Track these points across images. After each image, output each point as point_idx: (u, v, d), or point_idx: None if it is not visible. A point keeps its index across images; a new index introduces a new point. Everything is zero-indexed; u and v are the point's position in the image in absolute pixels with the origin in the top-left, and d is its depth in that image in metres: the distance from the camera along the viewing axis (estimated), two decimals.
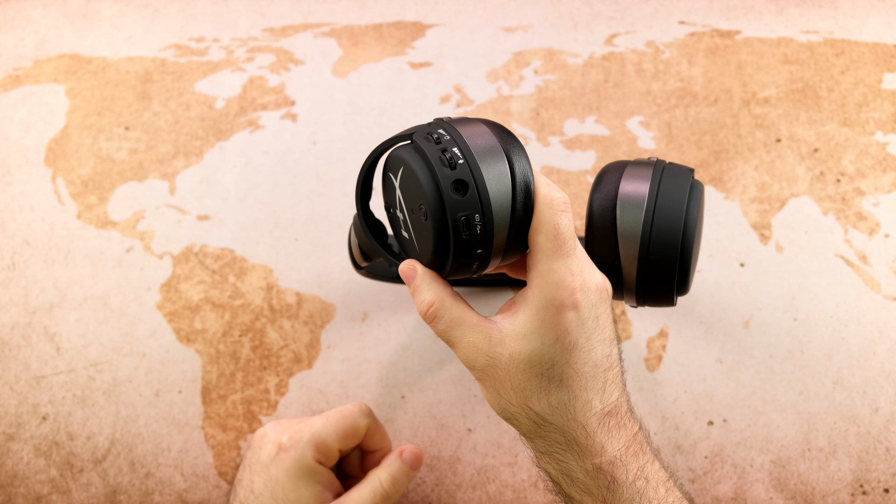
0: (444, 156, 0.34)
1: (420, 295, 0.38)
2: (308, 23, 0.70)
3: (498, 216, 0.35)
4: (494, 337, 0.37)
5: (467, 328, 0.37)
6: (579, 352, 0.36)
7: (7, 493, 0.53)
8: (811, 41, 0.66)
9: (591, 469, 0.36)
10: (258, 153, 0.63)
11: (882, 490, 0.50)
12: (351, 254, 0.50)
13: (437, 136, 0.35)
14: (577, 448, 0.36)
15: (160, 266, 0.59)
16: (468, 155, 0.34)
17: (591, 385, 0.36)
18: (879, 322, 0.54)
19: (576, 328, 0.36)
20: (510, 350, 0.36)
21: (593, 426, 0.36)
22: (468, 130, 0.36)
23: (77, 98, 0.66)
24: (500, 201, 0.35)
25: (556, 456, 0.37)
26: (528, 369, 0.36)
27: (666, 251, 0.40)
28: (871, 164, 0.60)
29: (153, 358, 0.56)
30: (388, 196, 0.40)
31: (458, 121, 0.37)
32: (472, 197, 0.34)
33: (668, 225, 0.40)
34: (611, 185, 0.42)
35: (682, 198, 0.41)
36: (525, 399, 0.36)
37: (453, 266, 0.36)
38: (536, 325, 0.36)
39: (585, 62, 0.66)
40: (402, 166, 0.36)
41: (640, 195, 0.41)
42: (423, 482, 0.53)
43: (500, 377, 0.37)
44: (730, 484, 0.51)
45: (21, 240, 0.60)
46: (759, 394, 0.53)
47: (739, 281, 0.56)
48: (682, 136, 0.62)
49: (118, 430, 0.54)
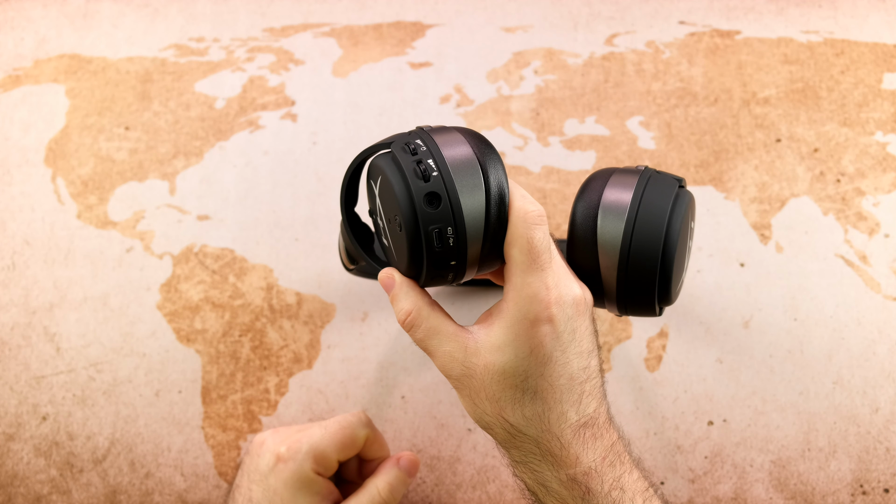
0: (419, 167, 0.34)
1: (398, 303, 0.38)
2: (308, 23, 0.70)
3: (471, 229, 0.35)
4: (470, 347, 0.37)
5: (444, 337, 0.37)
6: (554, 364, 0.36)
7: (7, 493, 0.53)
8: (811, 41, 0.66)
9: (566, 480, 0.36)
10: (258, 153, 0.63)
11: (882, 490, 0.50)
12: (341, 254, 0.50)
13: (413, 147, 0.35)
14: (552, 459, 0.36)
15: (160, 266, 0.59)
16: (442, 167, 0.34)
17: (566, 397, 0.36)
18: (879, 322, 0.54)
19: (550, 341, 0.36)
20: (485, 361, 0.36)
21: (568, 437, 0.36)
22: (445, 141, 0.36)
23: (77, 98, 0.66)
24: (474, 214, 0.35)
25: (531, 466, 0.37)
26: (503, 381, 0.36)
27: (646, 262, 0.39)
28: (871, 164, 0.60)
29: (153, 358, 0.56)
30: (371, 203, 0.40)
31: (437, 129, 0.37)
32: (444, 210, 0.34)
33: (649, 235, 0.39)
34: (594, 193, 0.41)
35: (664, 207, 0.40)
36: (500, 409, 0.37)
37: (428, 276, 0.37)
38: (511, 337, 0.36)
39: (585, 62, 0.66)
40: (381, 175, 0.36)
41: (622, 204, 0.40)
42: (423, 482, 0.53)
43: (475, 387, 0.37)
44: (730, 484, 0.51)
45: (21, 240, 0.60)
46: (759, 394, 0.53)
47: (739, 281, 0.56)
48: (682, 136, 0.62)
49: (118, 430, 0.54)
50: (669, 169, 0.61)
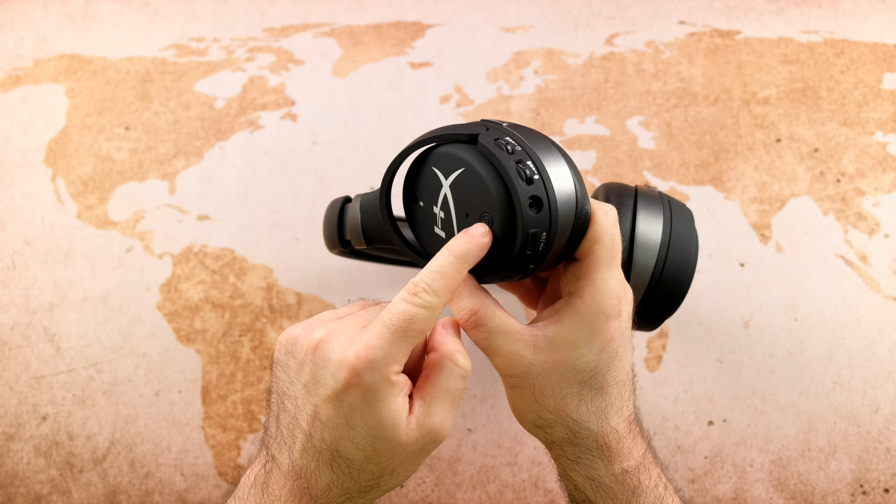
0: (521, 168, 0.33)
1: (461, 301, 0.37)
2: (308, 23, 0.70)
3: (561, 234, 0.35)
4: (540, 345, 0.36)
5: (510, 337, 0.36)
6: (619, 361, 0.37)
7: (7, 493, 0.53)
8: (811, 41, 0.66)
9: (619, 473, 0.37)
10: (258, 153, 0.63)
11: (882, 490, 0.50)
12: (338, 233, 0.46)
13: (509, 146, 0.34)
14: (608, 452, 0.37)
15: (160, 266, 0.59)
16: (542, 171, 0.34)
17: (623, 393, 0.37)
18: (879, 322, 0.54)
19: (619, 337, 0.36)
20: (556, 357, 0.36)
21: (623, 431, 0.37)
22: (535, 142, 0.35)
23: (77, 98, 0.66)
24: (566, 220, 0.35)
25: (584, 462, 0.37)
26: (573, 376, 0.36)
27: (671, 294, 0.42)
28: (871, 164, 0.60)
29: (153, 358, 0.56)
30: (424, 191, 0.38)
31: (519, 128, 0.36)
32: (544, 215, 0.34)
33: (679, 271, 0.42)
34: (625, 221, 0.43)
35: (690, 248, 0.43)
36: (563, 406, 0.37)
37: (499, 275, 0.36)
38: (586, 332, 0.36)
39: (585, 62, 0.66)
40: (463, 168, 0.35)
41: (654, 238, 0.42)
42: (423, 482, 0.53)
43: (539, 385, 0.37)
44: (730, 484, 0.51)
45: (21, 240, 0.60)
46: (759, 394, 0.53)
47: (739, 281, 0.56)
48: (682, 136, 0.62)
49: (118, 430, 0.54)
50: (669, 169, 0.61)
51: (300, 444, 0.34)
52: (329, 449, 0.34)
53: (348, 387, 0.33)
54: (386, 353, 0.33)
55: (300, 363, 0.35)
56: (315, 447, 0.34)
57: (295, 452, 0.34)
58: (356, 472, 0.34)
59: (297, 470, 0.34)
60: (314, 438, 0.34)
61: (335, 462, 0.34)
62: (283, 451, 0.35)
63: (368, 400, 0.33)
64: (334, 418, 0.33)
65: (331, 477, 0.34)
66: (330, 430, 0.33)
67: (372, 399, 0.33)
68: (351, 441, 0.33)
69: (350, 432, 0.33)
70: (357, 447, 0.33)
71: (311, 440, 0.34)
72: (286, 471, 0.34)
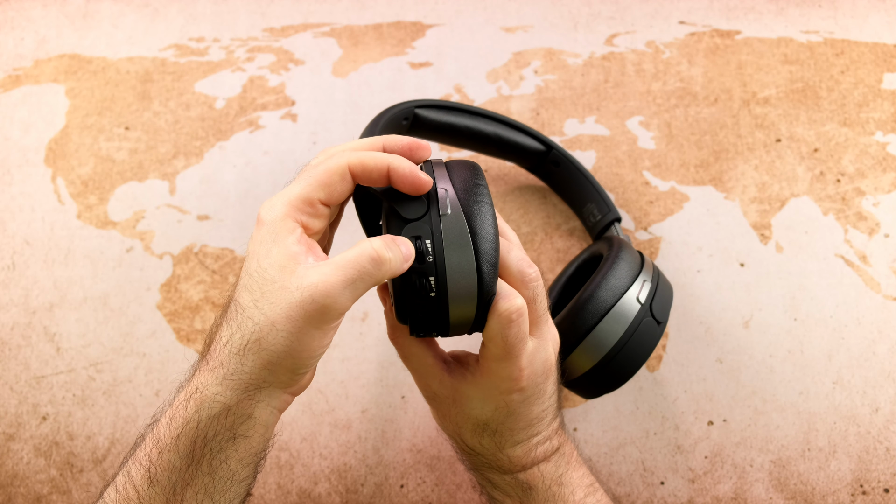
0: (418, 245, 0.33)
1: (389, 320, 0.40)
2: (308, 23, 0.70)
3: (455, 311, 0.34)
4: (445, 382, 0.39)
5: (422, 362, 0.39)
6: (516, 417, 0.38)
7: (7, 493, 0.53)
8: (811, 41, 0.66)
9: (510, 480, 0.40)
10: (258, 153, 0.63)
11: (882, 490, 0.50)
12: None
13: (416, 239, 0.34)
14: (499, 468, 0.40)
15: (160, 266, 0.59)
16: (438, 254, 0.33)
17: (521, 435, 0.39)
18: (879, 322, 0.54)
19: (518, 403, 0.38)
20: (455, 397, 0.39)
21: (519, 454, 0.39)
22: (445, 220, 0.34)
23: (77, 98, 0.66)
24: (459, 301, 0.34)
25: (480, 471, 0.41)
26: (466, 420, 0.39)
27: (621, 372, 0.43)
28: (871, 164, 0.60)
29: (153, 358, 0.56)
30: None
31: (465, 182, 0.35)
32: (437, 295, 0.34)
33: (638, 352, 0.43)
34: (620, 281, 0.44)
35: (655, 333, 0.44)
36: (461, 433, 0.40)
37: (415, 332, 0.37)
38: (480, 396, 0.38)
39: (585, 62, 0.66)
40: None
41: (629, 313, 0.43)
42: (423, 482, 0.53)
43: (442, 409, 0.40)
44: (730, 484, 0.51)
45: (21, 240, 0.60)
46: (759, 394, 0.53)
47: (739, 281, 0.56)
48: (682, 136, 0.62)
49: (118, 430, 0.54)
50: (669, 169, 0.61)
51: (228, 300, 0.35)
52: (231, 299, 0.34)
53: (258, 224, 0.33)
54: (293, 194, 0.33)
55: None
56: (230, 298, 0.34)
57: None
58: (243, 319, 0.32)
59: (214, 329, 0.34)
60: (235, 290, 0.34)
61: (231, 309, 0.33)
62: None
63: (263, 242, 0.32)
64: (245, 263, 0.34)
65: (227, 330, 0.33)
66: (242, 278, 0.33)
67: (265, 241, 0.32)
68: (245, 287, 0.33)
69: (247, 277, 0.33)
70: (248, 290, 0.32)
71: (233, 294, 0.34)
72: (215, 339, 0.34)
